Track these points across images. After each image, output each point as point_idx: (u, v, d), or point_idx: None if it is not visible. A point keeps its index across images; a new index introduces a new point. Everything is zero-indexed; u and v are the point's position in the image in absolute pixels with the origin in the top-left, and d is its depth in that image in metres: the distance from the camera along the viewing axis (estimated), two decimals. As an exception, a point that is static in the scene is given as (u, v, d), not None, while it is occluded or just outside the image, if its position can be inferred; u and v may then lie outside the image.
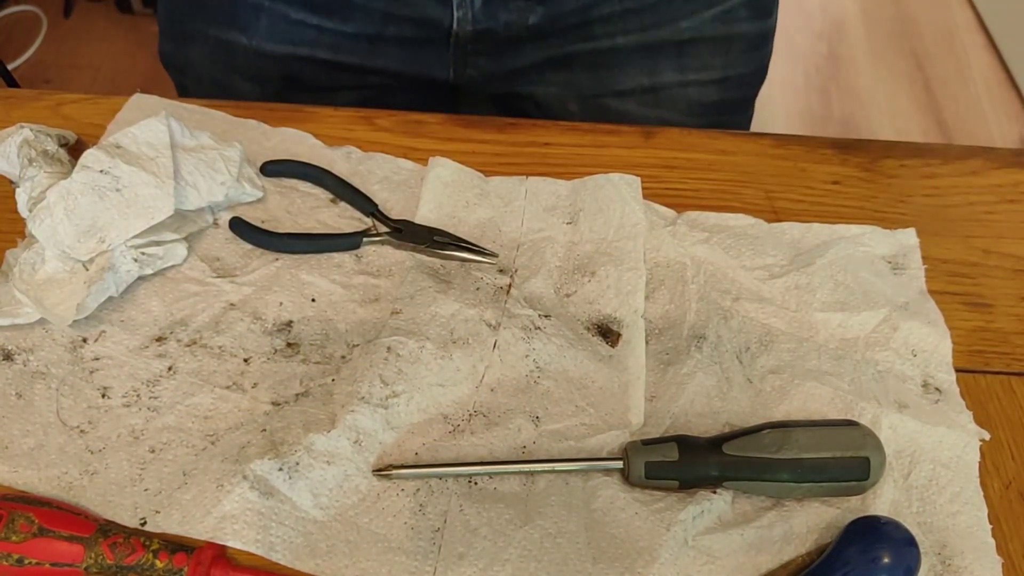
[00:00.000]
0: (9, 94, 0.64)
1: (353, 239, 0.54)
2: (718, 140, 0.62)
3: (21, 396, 0.47)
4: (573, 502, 0.44)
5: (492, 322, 0.50)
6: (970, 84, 1.92)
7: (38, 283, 0.49)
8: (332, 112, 0.62)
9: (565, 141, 0.62)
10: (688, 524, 0.43)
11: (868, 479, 0.43)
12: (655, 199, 0.57)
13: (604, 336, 0.51)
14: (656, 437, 0.45)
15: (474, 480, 0.45)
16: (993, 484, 0.46)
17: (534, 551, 0.42)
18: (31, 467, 0.44)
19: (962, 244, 0.57)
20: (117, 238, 0.49)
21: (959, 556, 0.43)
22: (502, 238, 0.55)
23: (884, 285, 0.54)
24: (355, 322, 0.51)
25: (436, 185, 0.57)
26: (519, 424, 0.47)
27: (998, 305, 0.54)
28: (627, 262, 0.53)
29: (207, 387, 0.47)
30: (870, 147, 0.63)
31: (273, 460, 0.43)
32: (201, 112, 0.61)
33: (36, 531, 0.40)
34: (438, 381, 0.47)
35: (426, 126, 0.62)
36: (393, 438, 0.46)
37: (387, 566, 0.41)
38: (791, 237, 0.56)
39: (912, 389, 0.49)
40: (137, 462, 0.45)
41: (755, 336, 0.51)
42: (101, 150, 0.50)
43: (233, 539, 0.41)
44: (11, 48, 1.83)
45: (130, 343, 0.49)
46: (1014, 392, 0.50)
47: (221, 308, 0.51)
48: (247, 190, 0.55)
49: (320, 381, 0.48)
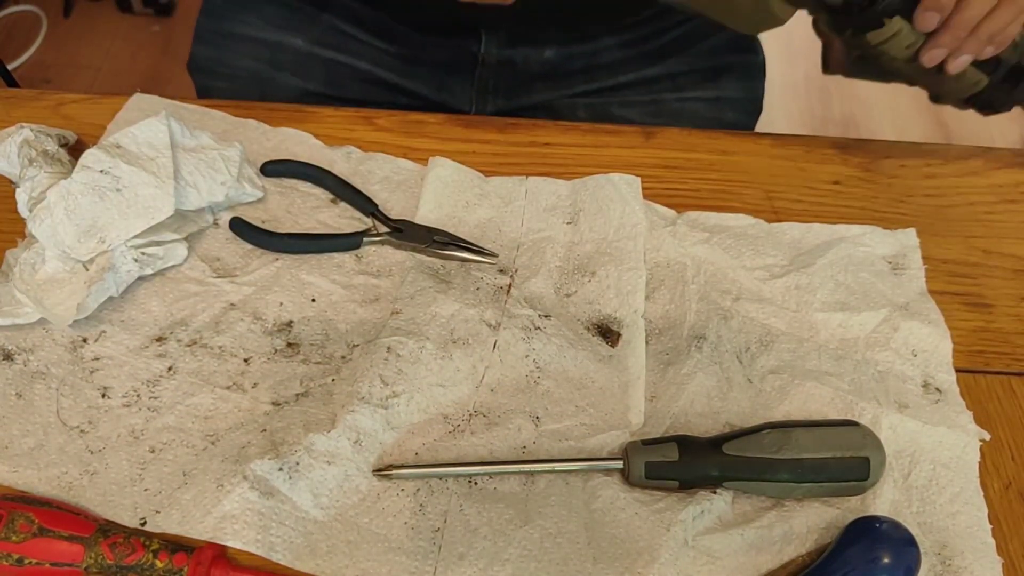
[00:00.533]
0: (9, 94, 0.64)
1: (353, 239, 0.54)
2: (718, 140, 0.62)
3: (21, 396, 0.47)
4: (573, 502, 0.44)
5: (492, 322, 0.50)
6: (970, 84, 1.92)
7: (38, 283, 0.49)
8: (332, 112, 0.62)
9: (565, 141, 0.62)
10: (688, 524, 0.43)
11: (868, 479, 0.43)
12: (655, 199, 0.57)
13: (604, 336, 0.51)
14: (656, 437, 0.45)
15: (474, 480, 0.45)
16: (993, 484, 0.46)
17: (534, 551, 0.42)
18: (31, 467, 0.44)
19: (962, 244, 0.57)
20: (117, 238, 0.49)
21: (959, 556, 0.43)
22: (502, 238, 0.55)
23: (884, 285, 0.54)
24: (355, 322, 0.51)
25: (436, 185, 0.57)
26: (519, 424, 0.47)
27: (998, 305, 0.54)
28: (627, 262, 0.53)
29: (207, 387, 0.47)
30: (870, 147, 0.63)
31: (273, 460, 0.43)
32: (201, 112, 0.61)
33: (36, 531, 0.40)
34: (438, 381, 0.47)
35: (426, 126, 0.62)
36: (393, 438, 0.46)
37: (387, 566, 0.41)
38: (791, 237, 0.56)
39: (912, 389, 0.49)
40: (137, 462, 0.45)
41: (755, 336, 0.51)
42: (101, 150, 0.50)
43: (233, 539, 0.41)
44: (11, 48, 1.83)
45: (130, 343, 0.49)
46: (1014, 392, 0.50)
47: (221, 308, 0.51)
48: (247, 190, 0.55)
49: (320, 381, 0.48)
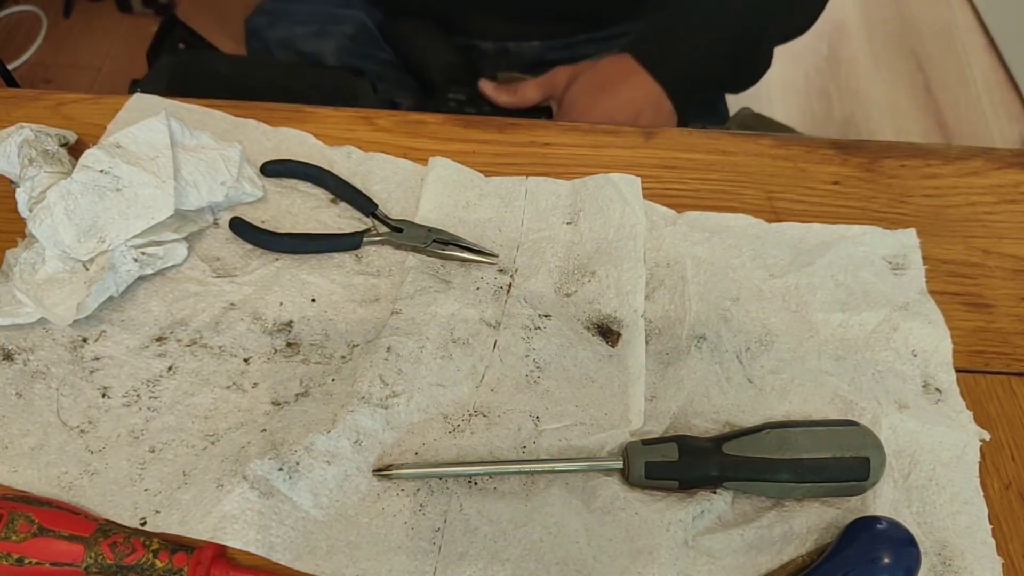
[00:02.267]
0: (9, 94, 0.64)
1: (353, 239, 0.54)
2: (718, 140, 0.62)
3: (21, 396, 0.47)
4: (573, 502, 0.44)
5: (492, 322, 0.50)
6: (970, 84, 1.92)
7: (38, 283, 0.49)
8: (332, 112, 0.62)
9: (565, 141, 0.62)
10: (688, 524, 0.43)
11: (868, 479, 0.43)
12: (655, 199, 0.57)
13: (604, 336, 0.51)
14: (656, 437, 0.45)
15: (474, 480, 0.45)
16: (993, 484, 0.46)
17: (534, 551, 0.42)
18: (31, 467, 0.44)
19: (962, 244, 0.57)
20: (117, 238, 0.49)
21: (959, 556, 0.43)
22: (502, 238, 0.55)
23: (884, 285, 0.54)
24: (355, 322, 0.51)
25: (436, 185, 0.57)
26: (519, 424, 0.47)
27: (998, 305, 0.54)
28: (627, 262, 0.53)
29: (207, 387, 0.47)
30: (870, 147, 0.63)
31: (273, 460, 0.43)
32: (201, 112, 0.61)
33: (36, 531, 0.40)
34: (438, 381, 0.47)
35: (426, 126, 0.62)
36: (393, 438, 0.46)
37: (387, 566, 0.41)
38: (791, 237, 0.56)
39: (912, 389, 0.49)
40: (137, 462, 0.45)
41: (755, 336, 0.51)
42: (101, 150, 0.50)
43: (233, 539, 0.41)
44: (11, 48, 1.83)
45: (130, 343, 0.49)
46: (1014, 392, 0.50)
47: (221, 308, 0.51)
48: (247, 190, 0.55)
49: (320, 381, 0.48)
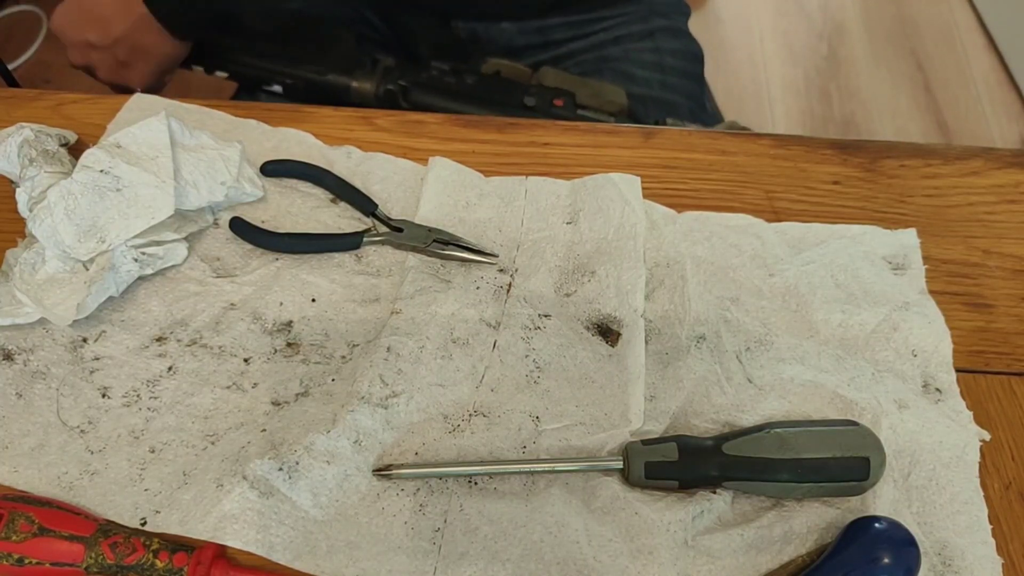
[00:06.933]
0: (9, 94, 0.64)
1: (353, 239, 0.54)
2: (718, 140, 0.62)
3: (21, 396, 0.47)
4: (573, 502, 0.44)
5: (492, 322, 0.50)
6: (970, 84, 1.92)
7: (38, 283, 0.49)
8: (332, 112, 0.62)
9: (565, 141, 0.62)
10: (688, 524, 0.43)
11: (868, 479, 0.43)
12: (655, 199, 0.57)
13: (604, 335, 0.51)
14: (656, 437, 0.45)
15: (474, 480, 0.45)
16: (993, 484, 0.46)
17: (534, 551, 0.42)
18: (31, 467, 0.44)
19: (962, 244, 0.57)
20: (117, 238, 0.49)
21: (959, 556, 0.43)
22: (502, 238, 0.55)
23: (884, 285, 0.54)
24: (355, 322, 0.51)
25: (436, 185, 0.57)
26: (519, 424, 0.47)
27: (998, 305, 0.54)
28: (627, 262, 0.53)
29: (207, 387, 0.47)
30: (870, 147, 0.63)
31: (273, 460, 0.43)
32: (201, 112, 0.61)
33: (36, 531, 0.40)
34: (438, 381, 0.47)
35: (426, 126, 0.62)
36: (393, 438, 0.46)
37: (387, 566, 0.41)
38: (791, 237, 0.56)
39: (912, 389, 0.49)
40: (137, 462, 0.45)
41: (755, 336, 0.51)
42: (101, 150, 0.50)
43: (233, 539, 0.41)
44: (11, 48, 1.83)
45: (130, 343, 0.49)
46: (1014, 392, 0.50)
47: (221, 308, 0.51)
48: (247, 190, 0.55)
49: (320, 381, 0.48)
